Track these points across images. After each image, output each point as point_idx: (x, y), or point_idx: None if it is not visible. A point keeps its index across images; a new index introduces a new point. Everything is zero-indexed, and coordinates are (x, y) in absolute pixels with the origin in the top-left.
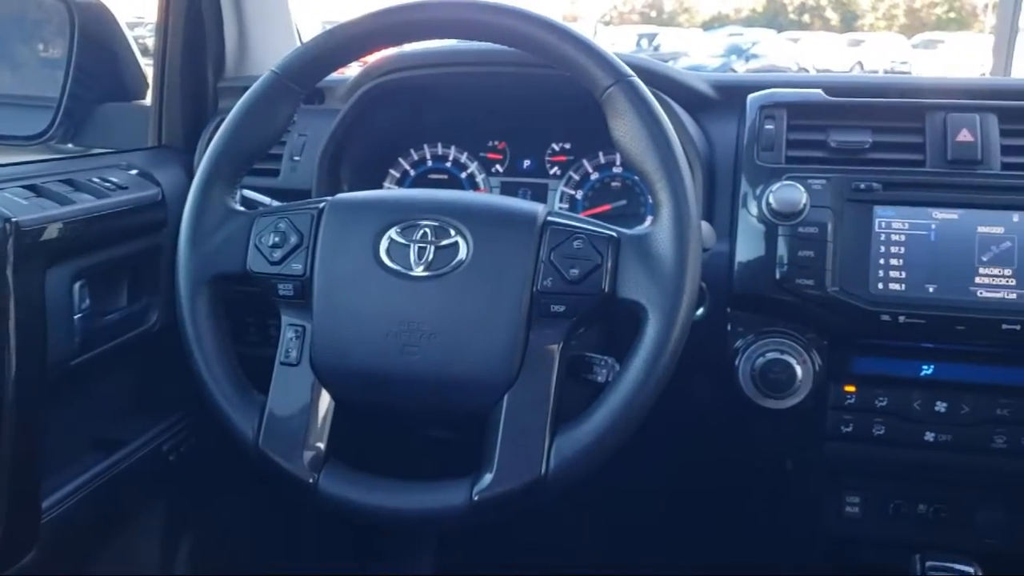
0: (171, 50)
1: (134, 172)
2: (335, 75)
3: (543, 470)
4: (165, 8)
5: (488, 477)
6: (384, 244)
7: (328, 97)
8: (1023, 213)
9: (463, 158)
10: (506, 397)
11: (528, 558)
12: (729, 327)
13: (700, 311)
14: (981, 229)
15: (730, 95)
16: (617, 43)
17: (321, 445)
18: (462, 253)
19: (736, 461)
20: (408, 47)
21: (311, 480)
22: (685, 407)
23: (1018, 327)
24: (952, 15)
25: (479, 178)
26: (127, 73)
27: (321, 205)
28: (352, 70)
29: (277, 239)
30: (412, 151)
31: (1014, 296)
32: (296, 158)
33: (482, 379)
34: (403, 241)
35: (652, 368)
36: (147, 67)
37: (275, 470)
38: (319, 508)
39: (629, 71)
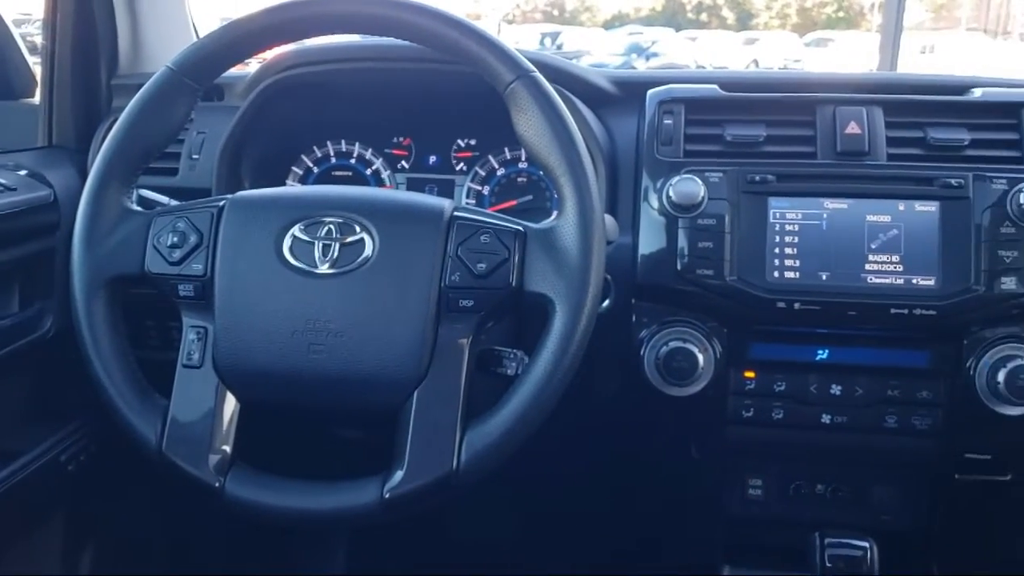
0: (60, 47)
1: (23, 173)
2: (234, 71)
3: (454, 464)
4: (53, 4)
5: (399, 474)
6: (287, 242)
7: (227, 94)
8: (908, 202)
9: (368, 154)
10: (416, 393)
11: (439, 556)
12: (634, 318)
13: (606, 303)
14: (869, 218)
15: (630, 91)
16: (521, 41)
17: (227, 448)
18: (368, 250)
19: (643, 449)
20: (309, 42)
21: (217, 484)
22: (593, 397)
23: (906, 311)
24: (841, 14)
25: (384, 175)
26: (13, 71)
27: (221, 203)
28: (253, 66)
29: (176, 239)
30: (315, 148)
31: (901, 282)
32: (195, 156)
33: (391, 376)
34: (307, 238)
35: (560, 360)
36: (36, 65)
37: (180, 475)
38: (227, 512)
39: (531, 66)
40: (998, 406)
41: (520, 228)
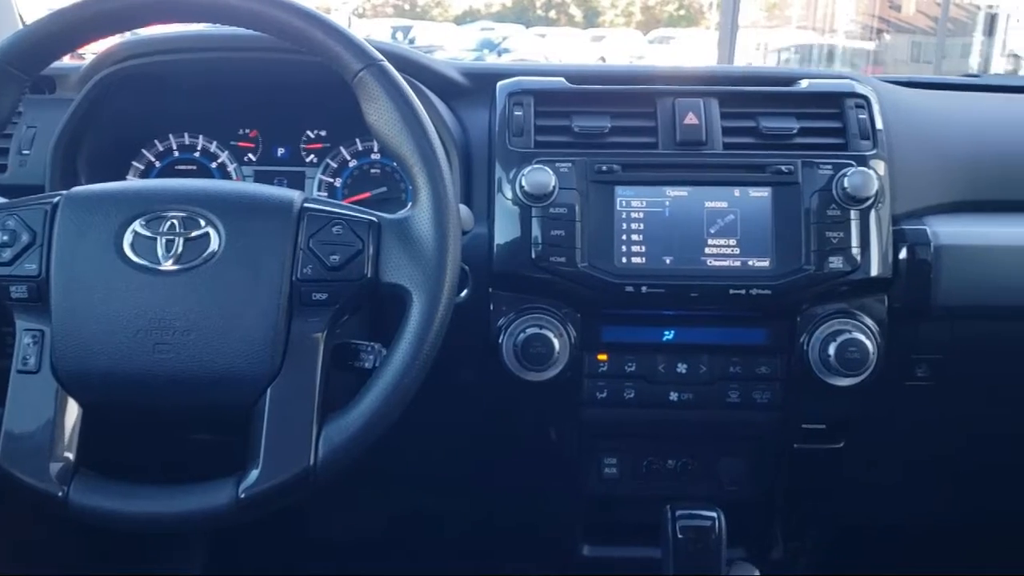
0: None
1: None
2: (66, 62)
3: (312, 461)
4: None
5: (255, 473)
6: (128, 238)
7: (59, 86)
8: (744, 188)
9: (212, 147)
10: (269, 390)
11: (302, 555)
12: (491, 306)
13: (463, 293)
14: (708, 204)
15: (480, 83)
16: (372, 35)
17: (70, 456)
18: (214, 244)
19: (503, 435)
20: (146, 32)
21: (60, 494)
22: (453, 387)
23: (743, 291)
24: (682, 12)
25: (231, 168)
26: None
27: (55, 200)
28: (89, 57)
29: (6, 238)
30: (156, 141)
31: (738, 264)
32: (25, 152)
33: (242, 373)
34: (149, 234)
35: (418, 351)
36: None
37: (19, 486)
38: (73, 521)
39: (379, 56)
40: (830, 378)
41: (374, 219)
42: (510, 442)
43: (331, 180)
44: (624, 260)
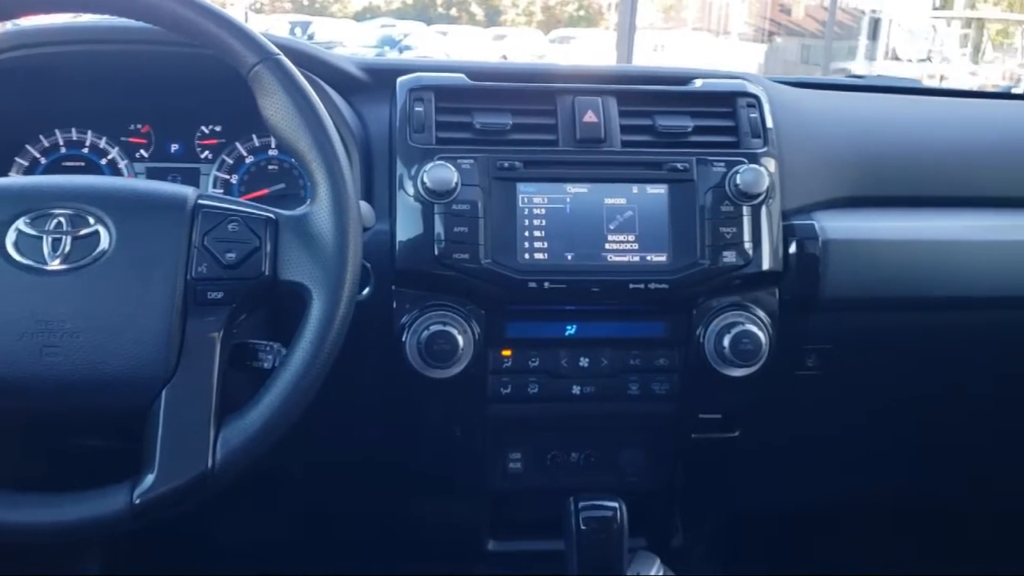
0: None
1: None
2: None
3: (209, 463)
4: None
5: (150, 478)
6: (11, 237)
7: None
8: (641, 185)
9: (102, 143)
10: (164, 392)
11: (203, 559)
12: (395, 304)
13: (366, 291)
14: (607, 201)
15: (380, 78)
16: (270, 31)
17: None
18: (104, 242)
19: (408, 434)
20: (27, 22)
21: None
22: (356, 385)
23: (642, 286)
24: (582, 13)
25: (121, 164)
26: None
27: None
28: None
29: None
30: (42, 137)
31: (637, 259)
32: None
33: (136, 376)
34: (34, 232)
35: (318, 349)
36: None
37: None
38: None
39: (275, 49)
40: (725, 368)
41: (271, 215)
42: (414, 439)
43: (227, 177)
44: (527, 256)
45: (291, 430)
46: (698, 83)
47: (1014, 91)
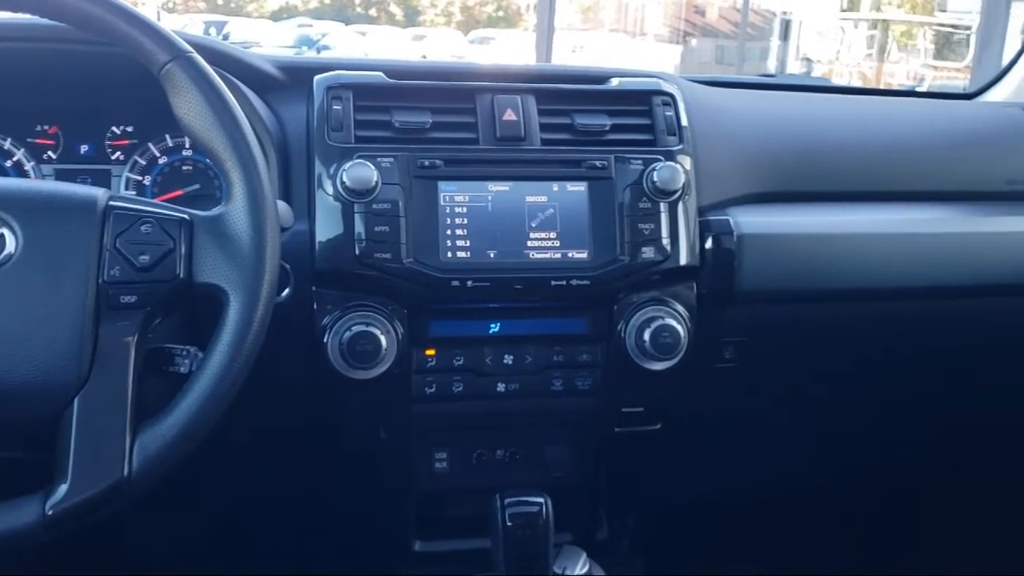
0: None
1: None
2: None
3: (126, 471)
4: None
5: (63, 488)
6: None
7: None
8: (561, 183)
9: (7, 144)
10: (77, 400)
11: (124, 567)
12: (315, 305)
13: (285, 292)
14: (529, 198)
15: (296, 77)
16: (184, 30)
17: None
18: (9, 246)
19: (332, 436)
20: None
21: None
22: (278, 388)
23: (564, 282)
24: (501, 14)
25: (28, 167)
26: None
27: None
28: None
29: None
30: None
31: (559, 256)
32: None
33: (45, 384)
34: None
35: (236, 352)
36: None
37: None
38: None
39: (187, 47)
40: (646, 362)
41: (185, 216)
42: (338, 441)
43: (139, 178)
44: (449, 255)
45: (210, 434)
46: (615, 82)
47: (918, 89)
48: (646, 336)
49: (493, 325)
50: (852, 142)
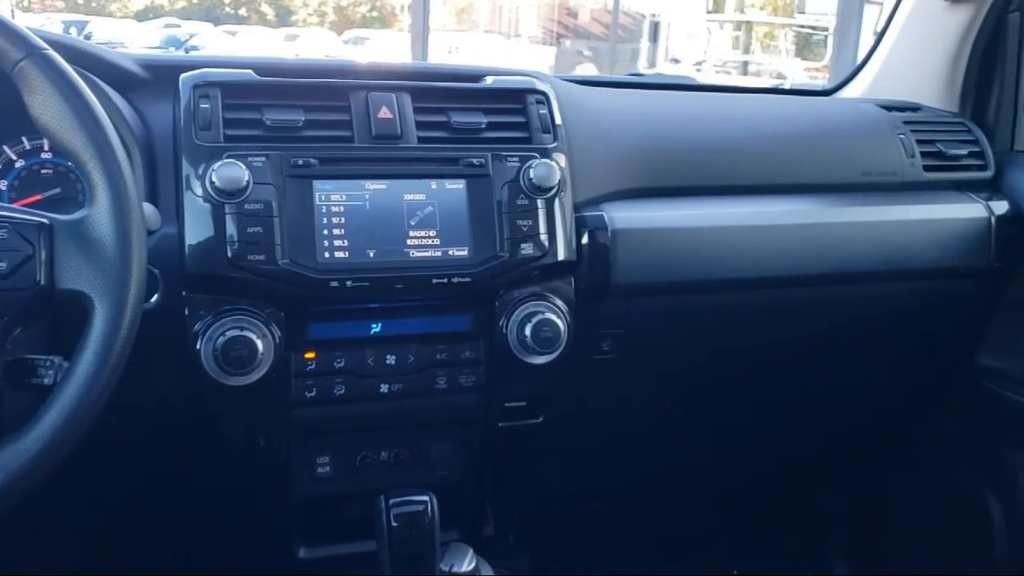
0: None
1: None
2: None
3: None
4: None
5: None
6: None
7: None
8: (440, 181)
9: None
10: None
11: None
12: (187, 311)
13: (154, 298)
14: (407, 197)
15: (161, 75)
16: (41, 29)
17: None
18: None
19: (209, 443)
20: None
21: None
22: (150, 398)
23: (445, 280)
24: (375, 14)
25: None
26: None
27: None
28: None
29: None
30: None
31: (439, 254)
32: None
33: None
34: None
35: (103, 362)
36: None
37: None
38: None
39: (42, 44)
40: (527, 357)
41: (45, 221)
42: (217, 450)
43: None
44: (327, 255)
45: (78, 447)
46: (489, 80)
47: (781, 87)
48: (527, 331)
49: (374, 325)
50: (719, 138)
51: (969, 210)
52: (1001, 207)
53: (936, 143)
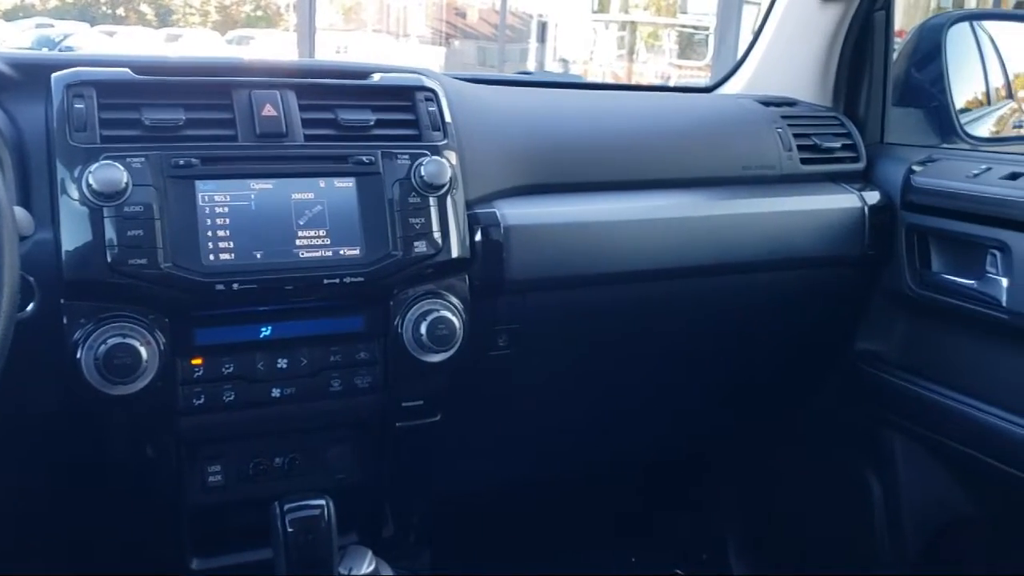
0: None
1: None
2: None
3: None
4: None
5: None
6: None
7: None
8: (328, 179)
9: None
10: None
11: None
12: (65, 319)
13: (30, 307)
14: (295, 196)
15: (31, 74)
16: None
17: None
18: None
19: (94, 459)
20: None
21: None
22: (29, 411)
23: (337, 280)
24: (260, 13)
25: None
26: None
27: None
28: None
29: None
30: None
31: (330, 254)
32: None
33: None
34: None
35: None
36: None
37: None
38: None
39: None
40: (423, 355)
41: None
42: (104, 462)
43: None
44: (212, 257)
45: None
46: (377, 77)
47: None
48: (423, 329)
49: (264, 329)
50: (607, 135)
51: (843, 200)
52: (873, 197)
53: (811, 137)
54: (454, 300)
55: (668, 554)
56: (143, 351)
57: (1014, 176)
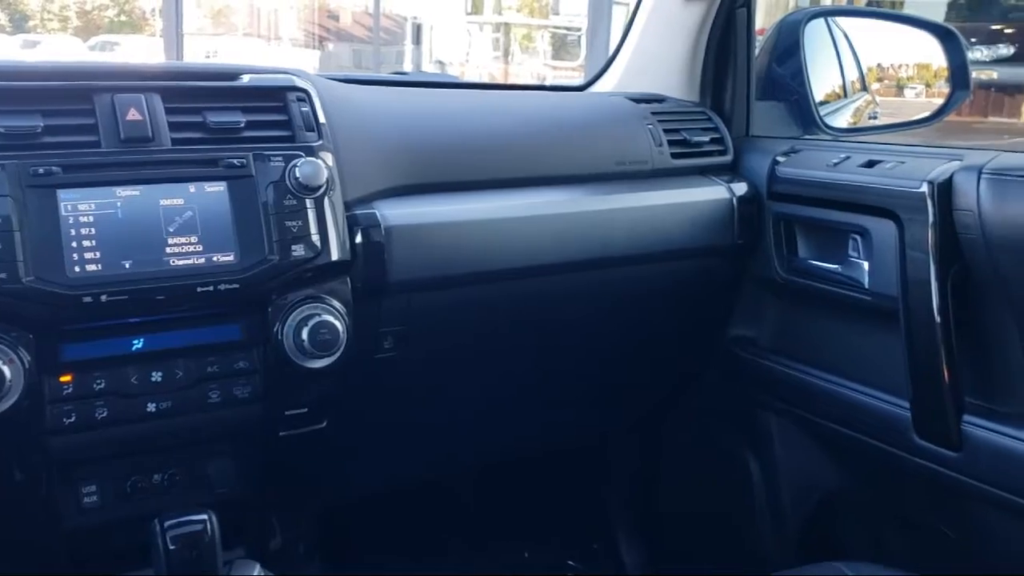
0: None
1: None
2: None
3: None
4: None
5: None
6: None
7: None
8: (198, 184)
9: None
10: None
11: None
12: None
13: None
14: (164, 202)
15: None
16: None
17: None
18: None
19: None
20: None
21: None
22: None
23: (211, 288)
24: (124, 18)
25: None
26: None
27: None
28: None
29: None
30: None
31: (203, 260)
32: None
33: None
34: None
35: None
36: None
37: None
38: None
39: None
40: (306, 362)
41: None
42: None
43: None
44: (77, 269)
45: None
46: (246, 79)
47: (540, 84)
48: (304, 335)
49: (136, 341)
50: (483, 133)
51: (713, 192)
52: (741, 188)
53: (681, 131)
54: (336, 304)
55: (561, 548)
56: (6, 370)
57: (871, 164)
